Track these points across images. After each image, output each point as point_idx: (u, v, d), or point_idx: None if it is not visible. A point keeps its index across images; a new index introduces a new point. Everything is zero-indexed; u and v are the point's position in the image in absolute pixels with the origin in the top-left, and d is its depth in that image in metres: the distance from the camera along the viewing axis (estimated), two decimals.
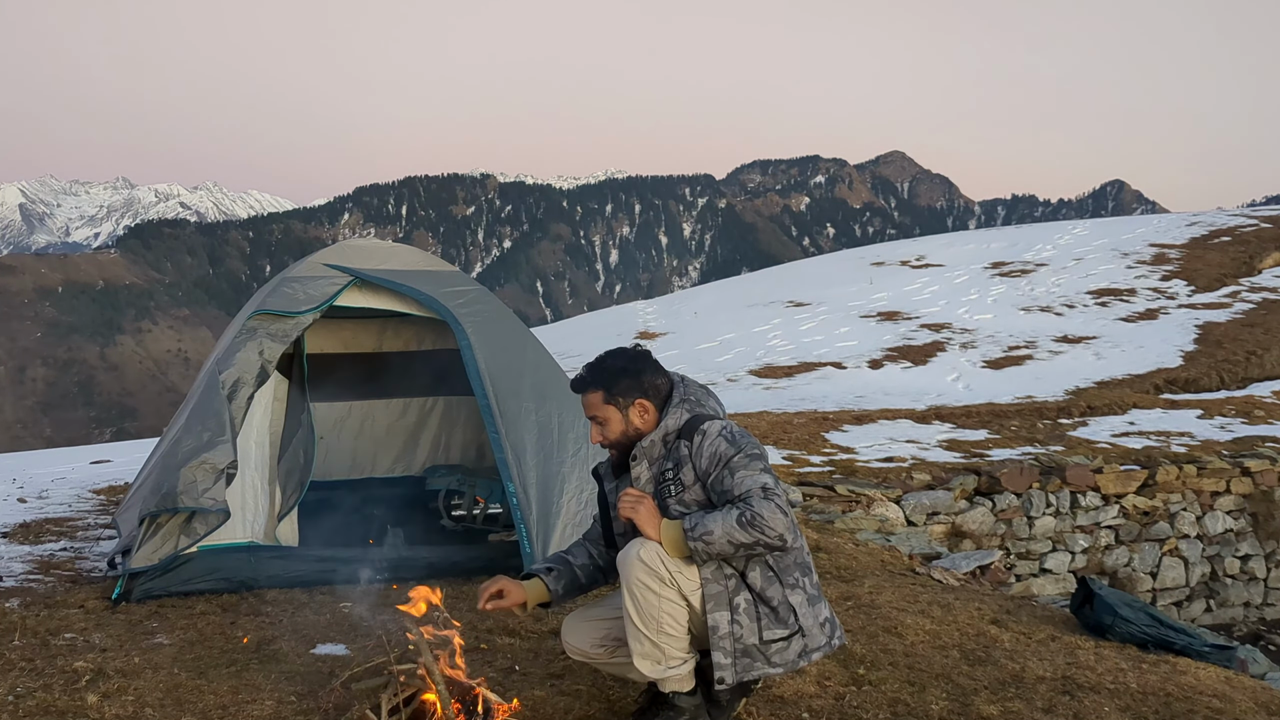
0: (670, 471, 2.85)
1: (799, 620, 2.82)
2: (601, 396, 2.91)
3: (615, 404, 2.91)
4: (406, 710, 2.79)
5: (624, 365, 2.94)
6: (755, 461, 2.79)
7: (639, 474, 2.91)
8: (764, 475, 2.75)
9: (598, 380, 2.92)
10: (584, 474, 4.60)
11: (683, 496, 2.83)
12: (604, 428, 2.93)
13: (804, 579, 2.87)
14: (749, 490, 2.72)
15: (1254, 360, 14.84)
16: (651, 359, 3.00)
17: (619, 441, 2.94)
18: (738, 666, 2.79)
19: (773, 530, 2.67)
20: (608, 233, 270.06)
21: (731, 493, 2.74)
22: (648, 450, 2.91)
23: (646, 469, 2.90)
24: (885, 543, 6.39)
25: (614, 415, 2.92)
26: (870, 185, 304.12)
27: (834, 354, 16.09)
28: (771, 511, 2.68)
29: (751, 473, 2.76)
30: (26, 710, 2.93)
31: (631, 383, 2.92)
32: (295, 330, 4.57)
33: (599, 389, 2.92)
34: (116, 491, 6.68)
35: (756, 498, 2.70)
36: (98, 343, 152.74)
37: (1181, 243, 23.78)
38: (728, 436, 2.82)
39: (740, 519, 2.67)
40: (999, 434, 10.31)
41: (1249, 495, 9.34)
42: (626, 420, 2.92)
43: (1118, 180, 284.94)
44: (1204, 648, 4.18)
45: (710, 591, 2.80)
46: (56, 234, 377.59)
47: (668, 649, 2.85)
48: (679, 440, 2.87)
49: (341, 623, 3.95)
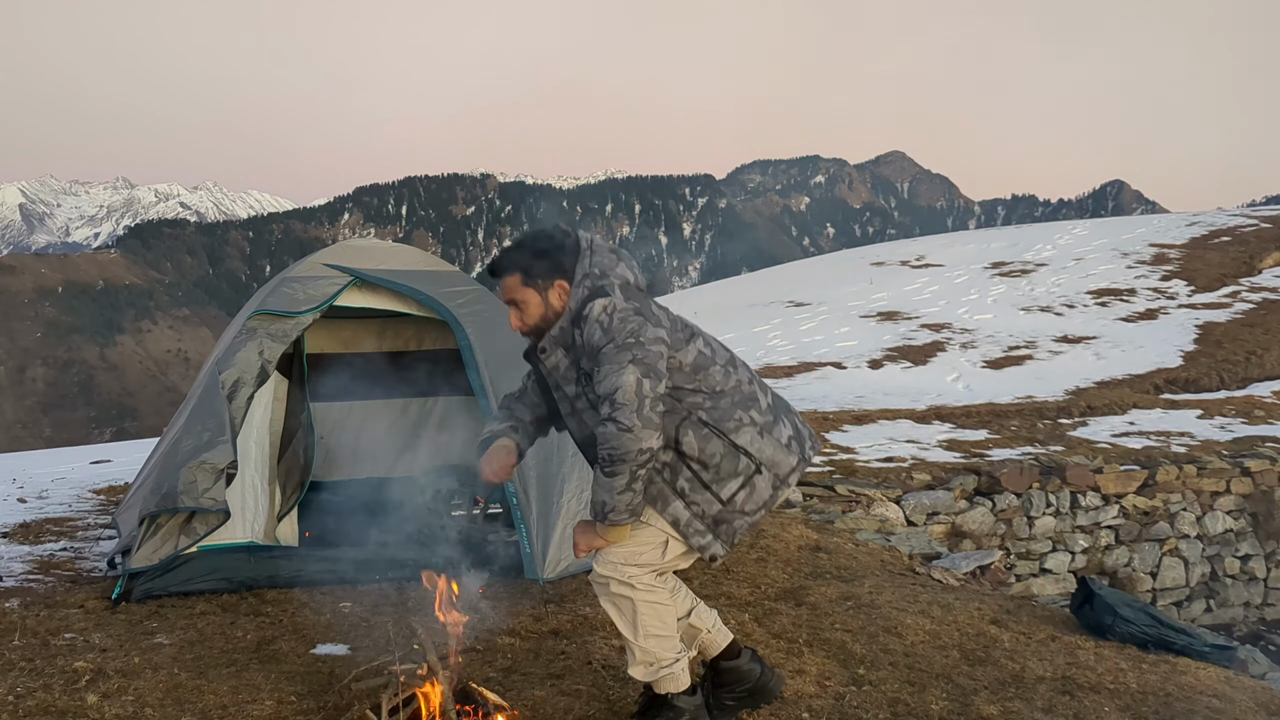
0: (584, 359, 2.73)
1: (754, 457, 2.74)
2: (520, 279, 2.81)
3: (534, 286, 2.81)
4: (406, 710, 2.79)
5: (542, 247, 2.83)
6: (620, 354, 2.60)
7: (556, 363, 2.81)
8: (620, 375, 2.57)
9: (515, 263, 2.82)
10: (584, 474, 4.60)
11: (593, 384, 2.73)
12: (523, 311, 2.83)
13: (747, 413, 2.78)
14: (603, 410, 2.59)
15: (1254, 360, 14.84)
16: (571, 238, 2.86)
17: (538, 326, 2.83)
18: (721, 537, 2.75)
19: (630, 451, 2.54)
20: (608, 233, 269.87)
21: (598, 388, 2.61)
22: (559, 338, 2.79)
23: (563, 356, 2.80)
24: (885, 543, 6.38)
25: (533, 298, 2.81)
26: (870, 185, 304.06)
27: (834, 354, 16.09)
28: (615, 436, 2.53)
29: (614, 370, 2.58)
30: (26, 710, 2.93)
31: (550, 264, 2.81)
32: (295, 330, 4.57)
33: (516, 271, 2.81)
34: (116, 491, 6.68)
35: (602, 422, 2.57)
36: (98, 343, 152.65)
37: (1181, 243, 23.78)
38: (604, 322, 2.65)
39: (605, 472, 2.58)
40: (999, 434, 10.30)
41: (1249, 495, 9.34)
42: (546, 303, 2.81)
43: (1118, 180, 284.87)
44: (1204, 648, 4.18)
45: (653, 492, 2.74)
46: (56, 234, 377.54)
47: (657, 651, 2.83)
48: (575, 328, 2.74)
49: (341, 623, 3.95)
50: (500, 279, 2.85)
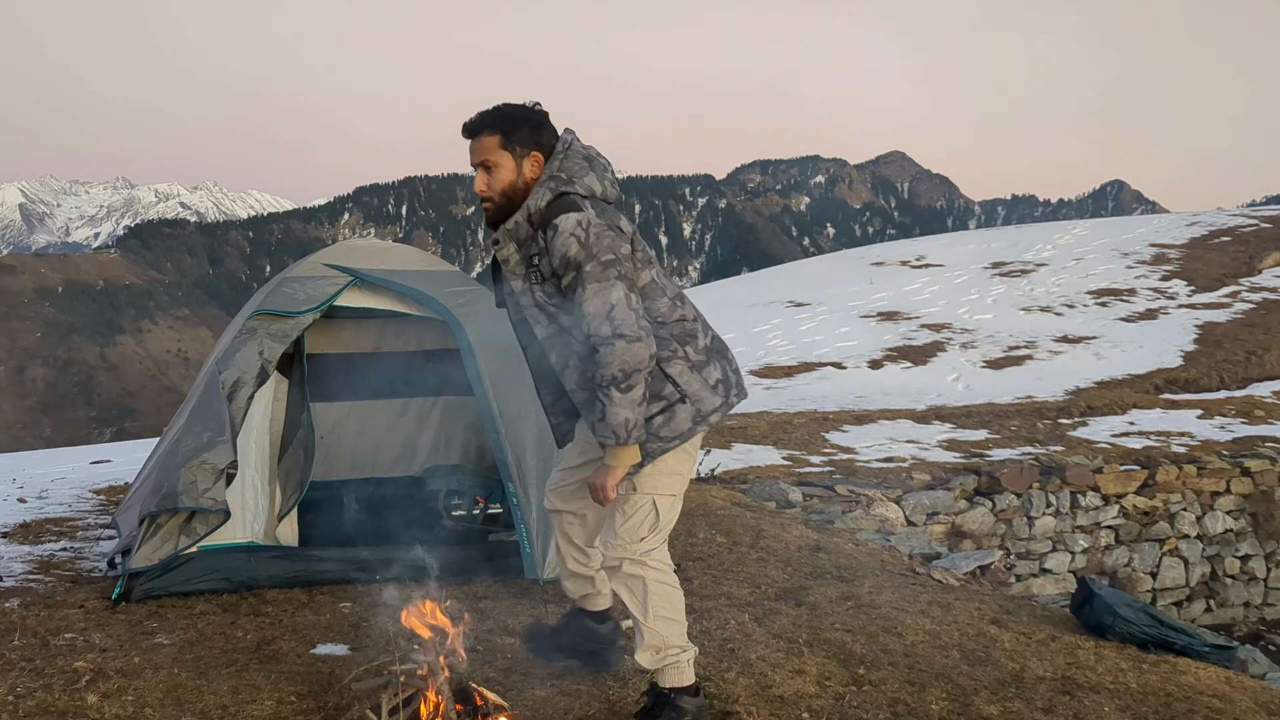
0: (536, 257, 2.76)
1: (680, 388, 2.79)
2: (499, 140, 2.77)
3: (511, 151, 2.78)
4: (406, 710, 2.79)
5: (524, 115, 2.81)
6: (606, 271, 2.65)
7: (507, 255, 2.81)
8: (610, 291, 2.64)
9: (495, 123, 2.78)
10: None
11: (545, 287, 2.77)
12: (492, 175, 2.79)
13: (684, 347, 2.83)
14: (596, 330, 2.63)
15: (1254, 360, 14.84)
16: (549, 120, 2.86)
17: (505, 192, 2.80)
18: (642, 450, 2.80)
19: (644, 360, 2.63)
20: None
21: (582, 311, 2.65)
22: (514, 231, 2.79)
23: (515, 250, 2.81)
24: (885, 543, 6.38)
25: (507, 163, 2.78)
26: (870, 185, 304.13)
27: (834, 354, 16.08)
28: (625, 350, 2.61)
29: (601, 288, 2.63)
30: (26, 710, 2.93)
31: (530, 133, 2.79)
32: (295, 330, 4.57)
33: (496, 132, 2.77)
34: (116, 491, 6.68)
35: (604, 343, 2.62)
36: (98, 343, 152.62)
37: (1181, 243, 23.78)
38: (580, 238, 2.66)
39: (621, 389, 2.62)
40: (999, 434, 10.30)
41: (1249, 495, 9.35)
42: (519, 171, 2.79)
43: (1118, 180, 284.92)
44: (1204, 648, 4.18)
45: (579, 399, 2.83)
46: (56, 234, 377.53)
47: (666, 635, 2.86)
48: (539, 229, 2.75)
49: (341, 623, 3.95)
50: (476, 138, 2.80)
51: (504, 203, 2.81)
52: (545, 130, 2.83)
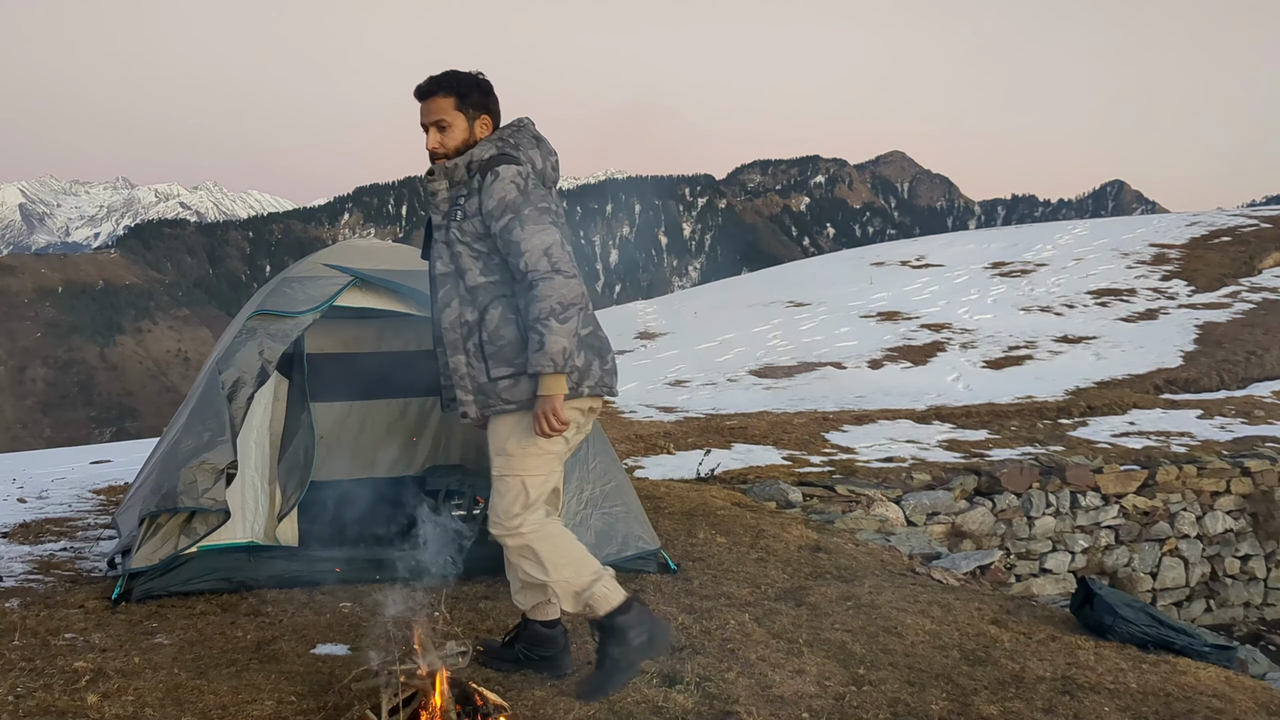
0: (463, 199, 2.97)
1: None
2: (454, 102, 2.99)
3: (465, 113, 3.01)
4: (406, 710, 2.79)
5: (476, 80, 3.04)
6: (543, 216, 2.91)
7: (437, 189, 3.03)
8: (548, 233, 2.89)
9: (450, 86, 3.00)
10: (584, 473, 4.60)
11: (463, 225, 2.97)
12: (446, 134, 3.00)
13: None
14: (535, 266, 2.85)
15: (1254, 360, 14.83)
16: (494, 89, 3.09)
17: (459, 150, 3.02)
18: (478, 403, 3.06)
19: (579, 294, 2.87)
20: (608, 233, 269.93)
21: (519, 248, 2.87)
22: (451, 171, 3.01)
23: (446, 189, 3.03)
24: (885, 543, 6.38)
25: (460, 123, 3.01)
26: (870, 185, 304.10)
27: (834, 354, 16.08)
28: (563, 284, 2.85)
29: (539, 229, 2.88)
30: (26, 710, 2.93)
31: (481, 97, 3.03)
32: (295, 330, 4.57)
33: (451, 94, 2.99)
34: (116, 491, 6.68)
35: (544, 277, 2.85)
36: (98, 343, 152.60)
37: (1181, 243, 23.76)
38: (520, 185, 2.92)
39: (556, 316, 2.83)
40: (999, 434, 10.30)
41: (1249, 495, 9.34)
42: (471, 131, 3.02)
43: (1118, 180, 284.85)
44: (1204, 648, 4.18)
45: (448, 339, 3.04)
46: (56, 234, 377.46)
47: (574, 579, 3.04)
48: (476, 174, 2.97)
49: (341, 623, 3.95)
50: (431, 99, 3.00)
51: (455, 158, 3.03)
52: (493, 97, 3.06)
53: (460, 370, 3.05)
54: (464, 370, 3.04)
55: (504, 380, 2.99)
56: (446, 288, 3.04)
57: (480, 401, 3.05)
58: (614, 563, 4.57)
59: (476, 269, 2.99)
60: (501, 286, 3.00)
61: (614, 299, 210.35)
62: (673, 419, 11.24)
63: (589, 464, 4.64)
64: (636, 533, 4.68)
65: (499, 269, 2.99)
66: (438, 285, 3.07)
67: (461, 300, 3.02)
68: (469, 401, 3.07)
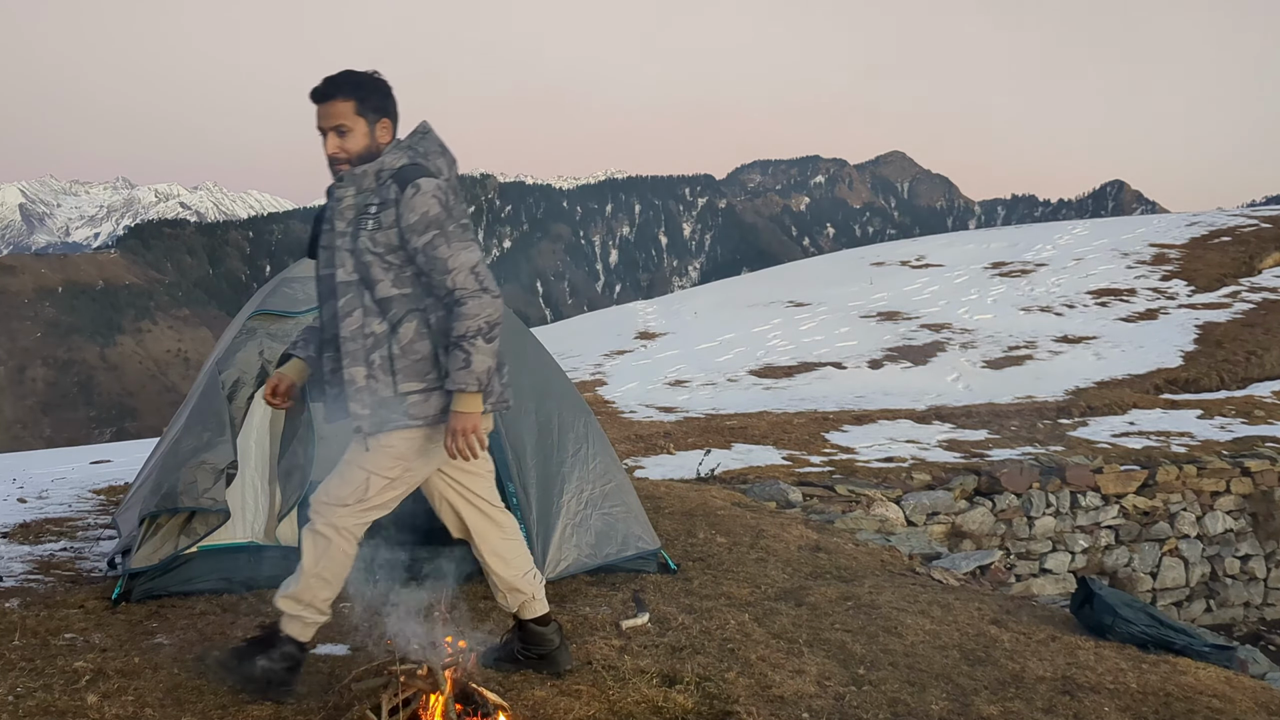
0: (375, 208, 2.86)
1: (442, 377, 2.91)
2: (353, 106, 2.88)
3: (365, 117, 2.90)
4: (406, 710, 2.79)
5: (375, 82, 2.93)
6: (465, 233, 2.88)
7: (343, 196, 2.91)
8: (473, 250, 2.87)
9: (349, 89, 2.89)
10: (584, 474, 4.60)
11: (375, 235, 2.86)
12: (346, 139, 2.89)
13: None
14: (463, 284, 2.82)
15: (1254, 360, 14.84)
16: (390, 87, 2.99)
17: (361, 156, 2.91)
18: (376, 418, 2.91)
19: (499, 317, 2.86)
20: (608, 233, 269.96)
21: (445, 265, 2.82)
22: (359, 178, 2.90)
23: (353, 196, 2.91)
24: (885, 543, 6.38)
25: (361, 127, 2.90)
26: (870, 185, 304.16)
27: (834, 354, 16.08)
28: (491, 303, 2.84)
29: (465, 246, 2.85)
30: (26, 710, 2.93)
31: (381, 100, 2.92)
32: (295, 330, 4.57)
33: (351, 98, 2.88)
34: (116, 491, 6.68)
35: (472, 296, 2.82)
36: (98, 343, 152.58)
37: (1181, 243, 23.76)
38: (441, 200, 2.85)
39: (483, 335, 2.81)
40: (999, 434, 10.30)
41: (1249, 495, 9.34)
42: (372, 135, 2.91)
43: (1118, 180, 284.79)
44: (1204, 648, 4.18)
45: (348, 349, 2.90)
46: (56, 234, 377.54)
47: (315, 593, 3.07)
48: (392, 182, 2.86)
49: (342, 623, 3.95)
50: (329, 102, 2.89)
51: (357, 164, 2.92)
52: (392, 99, 2.95)
53: (358, 383, 2.90)
54: (363, 383, 2.90)
55: (414, 395, 2.90)
56: (348, 296, 2.91)
57: (380, 417, 2.91)
58: (614, 563, 4.58)
59: (388, 280, 2.89)
60: (414, 300, 2.91)
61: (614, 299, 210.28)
62: (673, 419, 11.24)
63: (589, 464, 4.64)
64: (636, 533, 4.68)
65: (411, 282, 2.90)
66: (339, 292, 2.93)
67: (366, 311, 2.91)
68: (364, 416, 2.92)
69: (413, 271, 2.90)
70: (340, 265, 2.92)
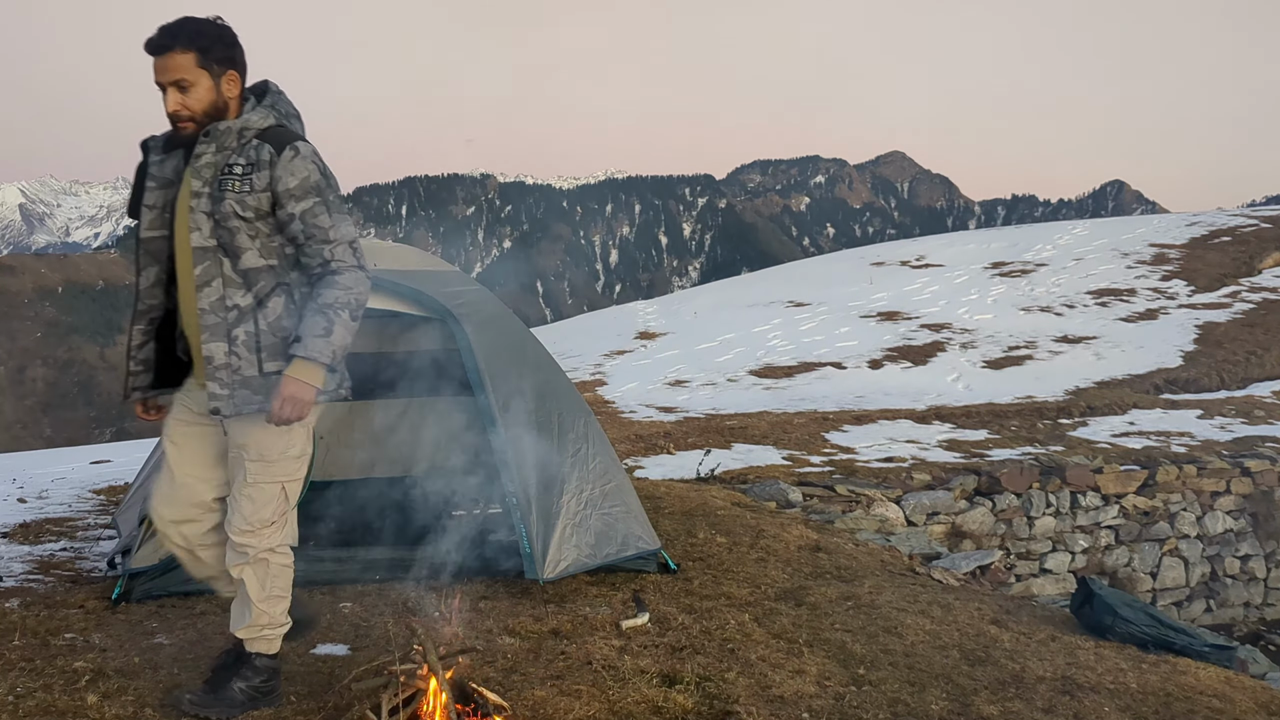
0: (241, 169, 2.65)
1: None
2: (195, 59, 2.62)
3: (209, 69, 2.65)
4: (406, 710, 2.79)
5: (219, 31, 2.67)
6: (343, 205, 2.77)
7: (203, 152, 2.67)
8: (351, 225, 2.75)
9: (191, 40, 2.62)
10: (584, 474, 4.60)
11: (245, 199, 2.64)
12: (189, 94, 2.64)
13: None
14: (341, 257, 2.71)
15: (1254, 360, 14.84)
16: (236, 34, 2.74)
17: (208, 113, 2.67)
18: (236, 399, 2.69)
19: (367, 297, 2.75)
20: (608, 233, 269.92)
21: (326, 235, 2.69)
22: (222, 135, 2.67)
23: (213, 154, 2.67)
24: (885, 543, 6.39)
25: (205, 81, 2.64)
26: (870, 185, 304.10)
27: (834, 354, 16.08)
28: (364, 282, 2.74)
29: (344, 218, 2.72)
30: (26, 710, 2.93)
31: (226, 50, 2.67)
32: None
33: (192, 49, 2.61)
34: (116, 491, 6.68)
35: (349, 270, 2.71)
36: (98, 343, 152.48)
37: (1181, 243, 23.76)
38: (320, 167, 2.71)
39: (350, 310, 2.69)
40: (999, 434, 10.30)
41: (1249, 495, 9.35)
42: (218, 90, 2.67)
43: (1118, 180, 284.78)
44: (1204, 648, 4.18)
45: (206, 323, 2.67)
46: (56, 234, 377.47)
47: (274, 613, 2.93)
48: (262, 144, 2.67)
49: (341, 623, 3.95)
50: (167, 55, 2.62)
51: (206, 123, 2.69)
52: (238, 48, 2.71)
53: (218, 360, 2.68)
54: (222, 360, 2.68)
55: (279, 376, 2.69)
56: (206, 264, 2.67)
57: (241, 398, 2.69)
58: (614, 563, 4.58)
59: (254, 250, 2.69)
60: (281, 273, 2.74)
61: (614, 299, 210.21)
62: (673, 419, 11.24)
63: (589, 464, 4.64)
64: (636, 533, 4.68)
65: (277, 253, 2.72)
66: (195, 259, 2.68)
67: (227, 281, 2.68)
68: (224, 397, 2.69)
69: (280, 242, 2.73)
70: (195, 228, 2.68)
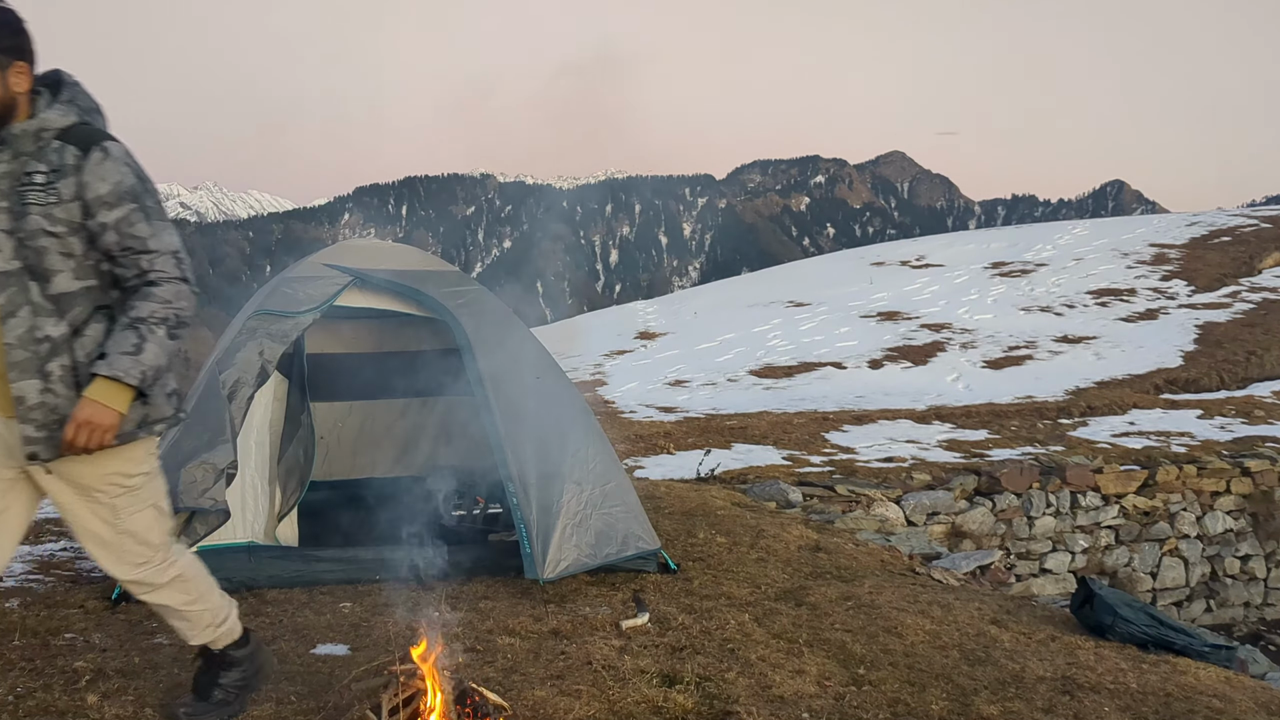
0: (43, 176, 2.35)
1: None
2: None
3: None
4: (406, 710, 2.79)
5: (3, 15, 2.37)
6: (163, 209, 2.47)
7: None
8: (174, 233, 2.45)
9: None
10: (584, 474, 4.60)
11: (53, 211, 2.34)
12: None
13: None
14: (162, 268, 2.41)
15: (1254, 360, 14.84)
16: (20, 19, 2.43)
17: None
18: (53, 441, 2.39)
19: (190, 314, 2.46)
20: (608, 233, 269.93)
21: (145, 245, 2.39)
22: (18, 140, 2.38)
23: (9, 161, 2.37)
24: (885, 543, 6.39)
25: None
26: (870, 185, 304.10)
27: (834, 354, 16.09)
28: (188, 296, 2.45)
29: (165, 226, 2.43)
30: (26, 710, 2.93)
31: (12, 40, 2.37)
32: (295, 330, 4.57)
33: None
34: None
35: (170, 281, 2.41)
36: None
37: (1181, 243, 23.78)
38: (136, 171, 2.42)
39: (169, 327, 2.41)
40: (999, 434, 10.30)
41: (1249, 495, 9.35)
42: (5, 84, 2.35)
43: (1118, 180, 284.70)
44: (1204, 648, 4.18)
45: (15, 358, 2.35)
46: None
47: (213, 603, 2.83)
48: (64, 145, 2.38)
49: (341, 623, 3.95)
50: None
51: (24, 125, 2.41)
52: (26, 37, 2.41)
53: (30, 399, 2.36)
54: (35, 400, 2.36)
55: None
56: (10, 291, 2.35)
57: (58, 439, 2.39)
58: (614, 563, 4.58)
59: (68, 271, 2.38)
60: (99, 294, 2.44)
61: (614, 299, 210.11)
62: (673, 419, 11.24)
63: (589, 464, 4.64)
64: (636, 533, 4.68)
65: (93, 271, 2.42)
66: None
67: (37, 310, 2.36)
68: (39, 440, 2.38)
69: (95, 259, 2.42)
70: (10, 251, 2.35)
